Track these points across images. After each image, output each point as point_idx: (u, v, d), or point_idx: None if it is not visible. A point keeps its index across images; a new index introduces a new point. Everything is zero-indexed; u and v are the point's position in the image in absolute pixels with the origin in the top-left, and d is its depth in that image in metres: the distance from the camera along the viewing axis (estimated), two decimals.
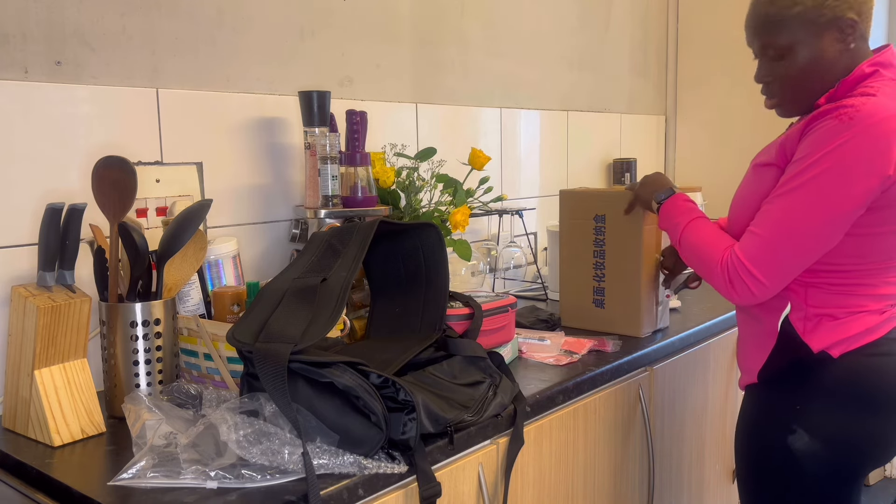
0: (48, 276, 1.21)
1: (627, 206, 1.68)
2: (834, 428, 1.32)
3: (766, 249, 1.28)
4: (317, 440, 1.06)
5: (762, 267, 1.28)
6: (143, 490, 1.00)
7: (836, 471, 1.34)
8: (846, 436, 1.32)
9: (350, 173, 1.63)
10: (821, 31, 1.30)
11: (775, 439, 1.36)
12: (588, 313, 1.78)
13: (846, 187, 1.23)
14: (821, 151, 1.24)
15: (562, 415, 1.44)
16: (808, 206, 1.25)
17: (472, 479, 1.25)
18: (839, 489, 1.36)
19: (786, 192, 1.28)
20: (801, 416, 1.34)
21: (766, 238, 1.28)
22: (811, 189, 1.25)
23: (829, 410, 1.33)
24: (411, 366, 1.21)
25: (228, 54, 1.64)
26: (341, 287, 1.16)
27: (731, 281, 1.31)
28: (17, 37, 1.33)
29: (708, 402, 1.97)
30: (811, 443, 1.32)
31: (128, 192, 1.25)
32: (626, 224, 1.69)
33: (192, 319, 1.34)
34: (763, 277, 1.28)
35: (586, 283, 1.78)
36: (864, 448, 1.34)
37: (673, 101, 3.15)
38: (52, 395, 1.19)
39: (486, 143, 2.31)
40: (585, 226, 1.76)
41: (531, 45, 2.47)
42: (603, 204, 1.73)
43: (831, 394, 1.33)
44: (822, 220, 1.25)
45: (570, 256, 1.81)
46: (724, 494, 2.10)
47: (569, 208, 1.81)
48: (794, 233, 1.26)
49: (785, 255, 1.28)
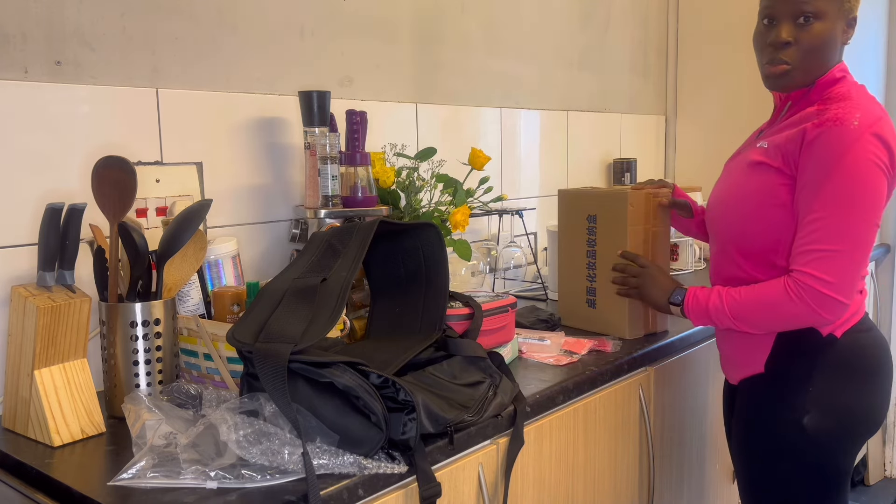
0: (48, 276, 1.21)
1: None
2: (842, 402, 1.41)
3: (842, 264, 1.31)
4: (317, 440, 1.06)
5: (838, 276, 1.31)
6: (143, 490, 1.00)
7: (842, 443, 1.43)
8: (852, 406, 1.42)
9: (350, 173, 1.63)
10: (841, 16, 1.40)
11: (792, 423, 1.42)
12: (583, 313, 1.78)
13: (878, 189, 1.31)
14: (840, 162, 1.30)
15: (562, 415, 1.44)
16: (858, 214, 1.30)
17: (472, 480, 1.25)
18: (843, 461, 1.45)
19: (831, 204, 1.31)
20: (814, 397, 1.41)
21: (838, 252, 1.31)
22: (853, 198, 1.30)
23: (839, 386, 1.41)
24: (411, 366, 1.21)
25: (228, 54, 1.64)
26: (341, 287, 1.16)
27: (810, 302, 1.32)
28: (17, 37, 1.33)
29: (708, 402, 1.97)
30: (822, 419, 1.40)
31: (128, 192, 1.25)
32: (614, 224, 1.69)
33: (192, 319, 1.34)
34: (841, 286, 1.31)
35: (580, 282, 1.78)
36: (865, 416, 1.45)
37: (673, 101, 3.15)
38: (52, 395, 1.18)
39: (486, 143, 2.31)
40: (579, 226, 1.76)
41: (531, 45, 2.47)
42: (595, 204, 1.73)
43: (840, 370, 1.41)
44: (871, 223, 1.32)
45: (567, 256, 1.81)
46: (724, 494, 2.10)
47: (565, 208, 1.81)
48: (857, 243, 1.31)
49: (853, 264, 1.32)
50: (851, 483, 3.20)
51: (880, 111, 1.35)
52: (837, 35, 1.41)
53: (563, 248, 1.82)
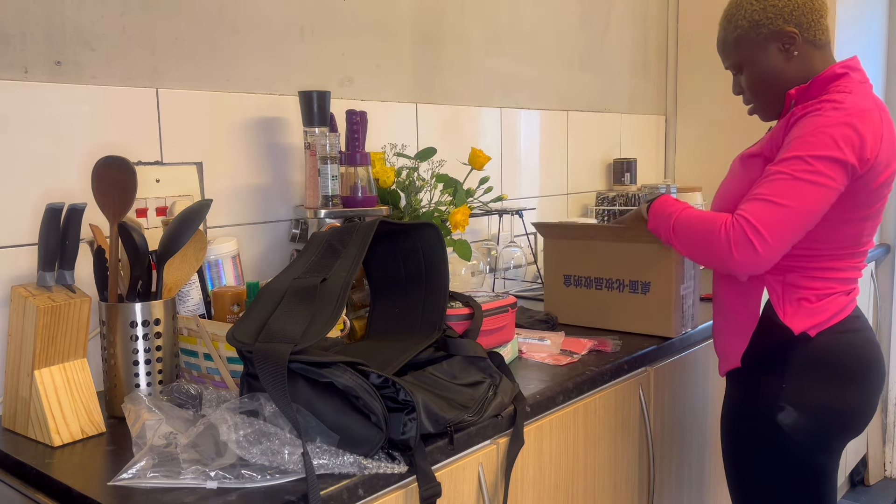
0: (48, 276, 1.21)
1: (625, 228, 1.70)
2: (817, 401, 1.44)
3: (774, 212, 1.33)
4: (317, 440, 1.06)
5: (769, 228, 1.32)
6: (142, 490, 1.00)
7: (820, 441, 1.46)
8: (829, 406, 1.44)
9: (350, 173, 1.63)
10: (763, 46, 1.47)
11: (765, 418, 1.47)
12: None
13: (836, 167, 1.33)
14: (813, 136, 1.34)
15: (562, 415, 1.44)
16: (808, 181, 1.33)
17: (472, 480, 1.25)
18: (824, 459, 1.48)
19: (787, 166, 1.34)
20: (787, 394, 1.45)
21: (773, 203, 1.33)
22: (809, 166, 1.33)
23: (813, 385, 1.44)
24: (411, 366, 1.21)
25: (228, 54, 1.64)
26: (341, 287, 1.16)
27: (735, 242, 1.33)
28: (17, 37, 1.33)
29: (708, 402, 1.97)
30: (799, 417, 1.44)
31: (128, 192, 1.25)
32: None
33: (192, 319, 1.34)
34: (770, 238, 1.31)
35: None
36: (845, 417, 1.47)
37: (673, 101, 3.15)
38: (52, 395, 1.18)
39: (486, 143, 2.31)
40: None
41: (531, 45, 2.47)
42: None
43: (813, 370, 1.44)
44: (818, 196, 1.33)
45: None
46: (724, 494, 2.10)
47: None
48: (800, 203, 1.33)
49: (789, 222, 1.33)
50: (851, 483, 3.21)
51: (871, 104, 1.37)
52: (772, 63, 1.47)
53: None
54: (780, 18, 1.45)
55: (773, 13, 1.45)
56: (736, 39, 1.50)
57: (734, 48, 1.51)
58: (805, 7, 1.44)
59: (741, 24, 1.48)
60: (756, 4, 1.46)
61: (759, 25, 1.46)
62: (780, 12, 1.44)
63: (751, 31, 1.47)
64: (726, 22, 1.52)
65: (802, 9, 1.44)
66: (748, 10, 1.47)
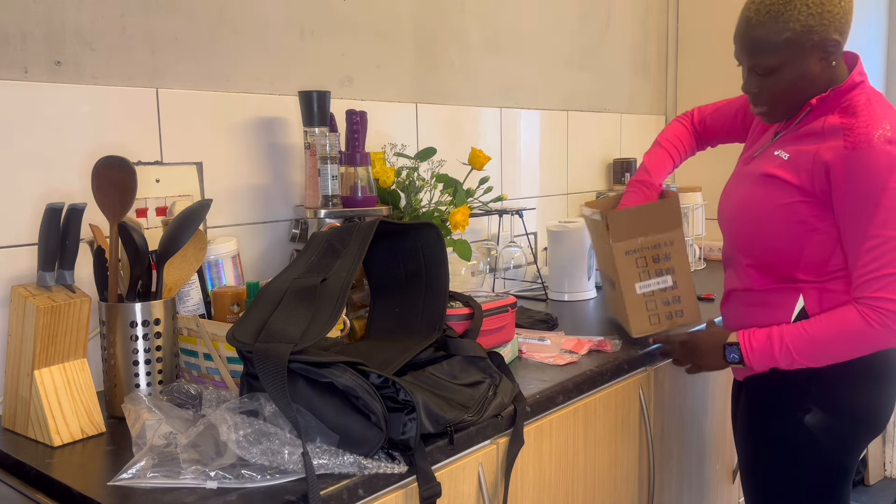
0: (48, 276, 1.21)
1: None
2: (843, 400, 1.44)
3: None
4: (317, 440, 1.06)
5: None
6: (142, 490, 1.00)
7: (846, 442, 1.46)
8: (854, 406, 1.44)
9: (350, 173, 1.63)
10: (807, 52, 1.37)
11: (793, 420, 1.46)
12: None
13: None
14: (885, 189, 1.30)
15: (562, 415, 1.44)
16: None
17: (472, 479, 1.25)
18: (847, 459, 1.47)
19: (886, 228, 1.31)
20: (814, 395, 1.44)
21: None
22: None
23: (838, 386, 1.43)
24: (411, 366, 1.21)
25: (228, 54, 1.64)
26: (341, 287, 1.16)
27: (893, 326, 1.31)
28: (17, 37, 1.33)
29: (708, 402, 1.97)
30: (825, 418, 1.43)
31: (128, 192, 1.25)
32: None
33: (192, 319, 1.34)
34: None
35: None
36: (871, 417, 1.46)
37: (673, 101, 3.15)
38: (52, 395, 1.18)
39: (486, 143, 2.30)
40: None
41: (531, 45, 2.47)
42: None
43: (841, 371, 1.41)
44: None
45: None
46: (724, 494, 2.10)
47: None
48: None
49: None
50: (851, 483, 3.21)
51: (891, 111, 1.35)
52: (810, 69, 1.37)
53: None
54: (832, 27, 1.34)
55: (828, 20, 1.34)
56: (782, 42, 1.35)
57: (775, 51, 1.37)
58: (849, 15, 1.37)
59: (793, 27, 1.34)
60: (813, 9, 1.33)
61: (811, 31, 1.34)
62: (834, 20, 1.34)
63: (802, 36, 1.34)
64: (771, 19, 1.36)
65: (847, 16, 1.37)
66: (804, 12, 1.33)
